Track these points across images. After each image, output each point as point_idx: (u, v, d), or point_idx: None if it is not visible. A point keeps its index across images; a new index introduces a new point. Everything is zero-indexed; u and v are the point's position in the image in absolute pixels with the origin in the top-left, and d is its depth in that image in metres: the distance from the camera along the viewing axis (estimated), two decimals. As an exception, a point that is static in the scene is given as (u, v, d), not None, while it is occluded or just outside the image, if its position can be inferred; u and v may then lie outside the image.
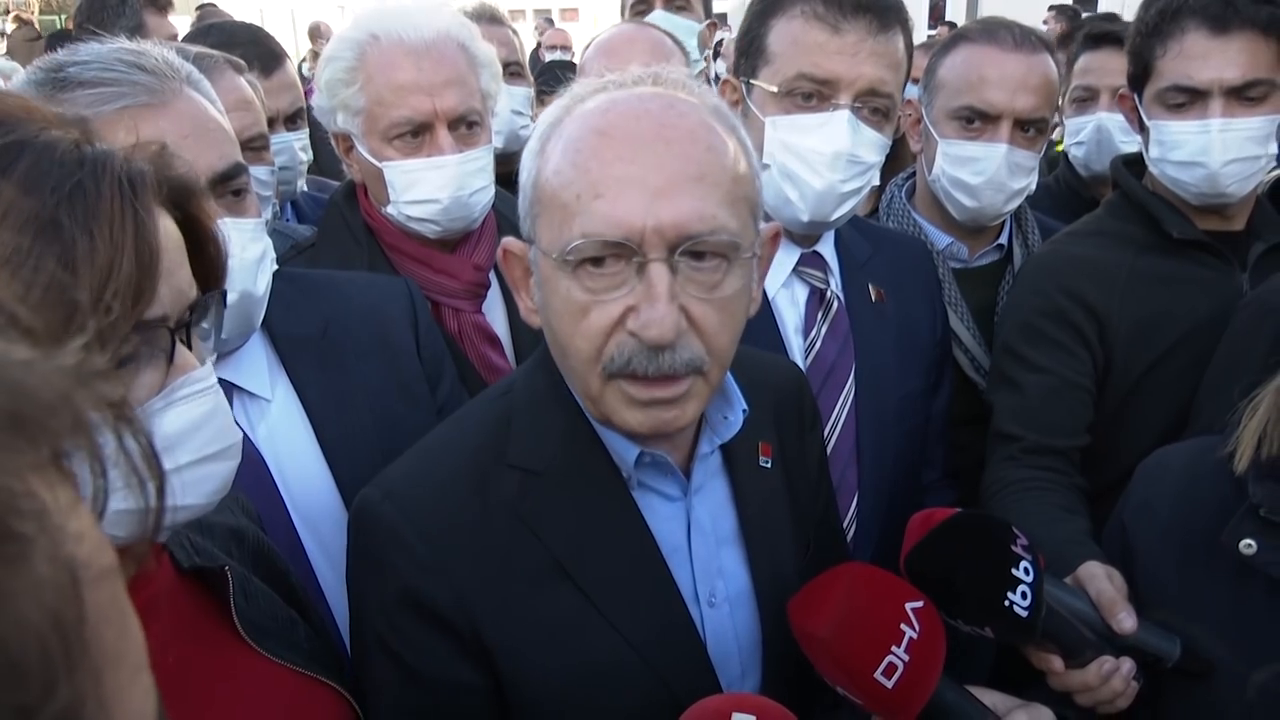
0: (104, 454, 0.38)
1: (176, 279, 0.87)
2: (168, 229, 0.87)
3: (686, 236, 0.99)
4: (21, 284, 0.74)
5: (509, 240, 1.13)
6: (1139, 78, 1.86)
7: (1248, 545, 1.16)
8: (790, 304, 1.77)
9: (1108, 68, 2.74)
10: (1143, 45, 1.83)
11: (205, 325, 0.94)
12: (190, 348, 0.90)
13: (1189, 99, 1.77)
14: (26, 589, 0.32)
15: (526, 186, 1.08)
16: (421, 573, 1.06)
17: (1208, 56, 1.74)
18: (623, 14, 3.04)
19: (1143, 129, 1.89)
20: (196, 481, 0.89)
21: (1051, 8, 9.05)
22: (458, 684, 1.08)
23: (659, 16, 2.81)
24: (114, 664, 0.38)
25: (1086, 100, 2.80)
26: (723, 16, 8.52)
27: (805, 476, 1.33)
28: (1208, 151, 1.76)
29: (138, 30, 3.16)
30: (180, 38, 2.99)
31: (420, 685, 1.08)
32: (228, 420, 0.93)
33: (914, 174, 2.27)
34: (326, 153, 2.50)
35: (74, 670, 0.34)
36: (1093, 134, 2.74)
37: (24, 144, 0.79)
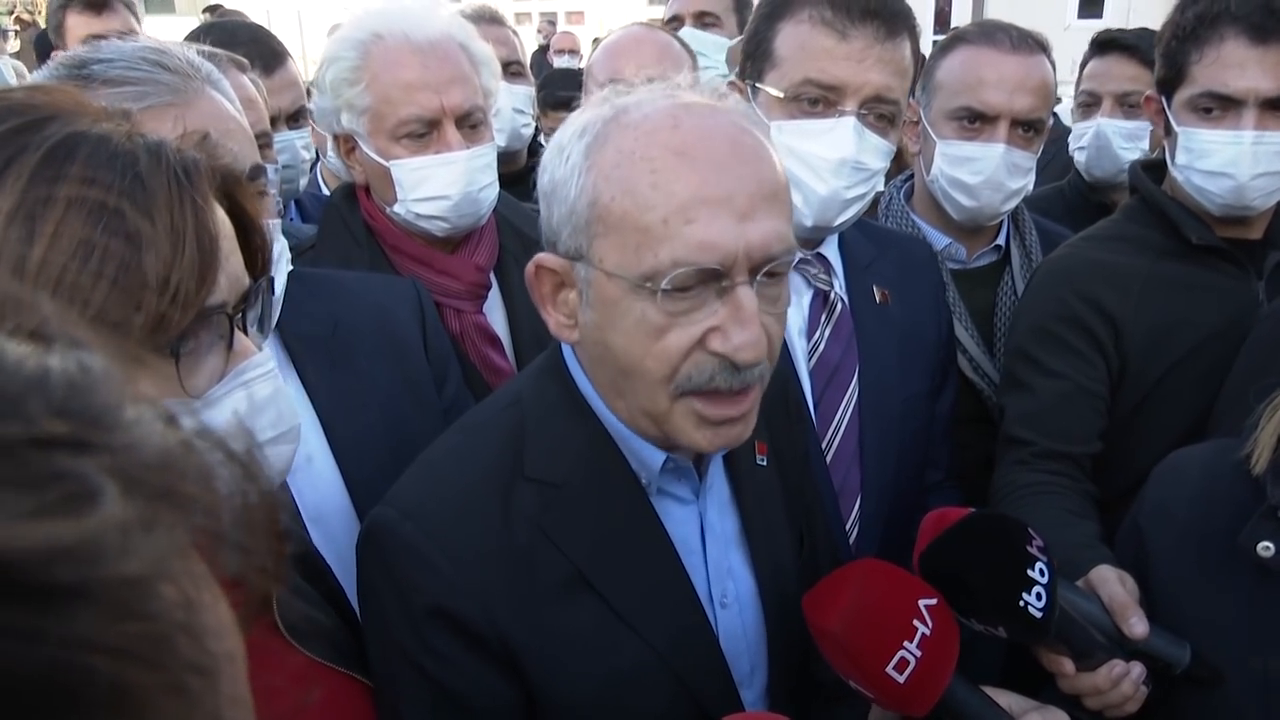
0: (227, 528, 0.36)
1: (232, 265, 0.88)
2: (221, 216, 0.88)
3: (770, 258, 1.00)
4: (91, 275, 0.75)
5: (543, 256, 1.07)
6: (1170, 81, 1.82)
7: (1266, 548, 1.16)
8: (794, 306, 1.76)
9: (1111, 74, 2.76)
10: (1177, 49, 1.79)
11: (253, 313, 0.95)
12: (246, 334, 0.92)
13: (1222, 108, 1.74)
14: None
15: (574, 201, 1.02)
16: (450, 592, 1.05)
17: (1245, 66, 1.70)
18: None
19: (1168, 133, 1.85)
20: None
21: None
22: (491, 698, 1.08)
23: (688, 33, 2.78)
24: None
25: (1090, 106, 2.82)
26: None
27: (796, 470, 1.34)
28: (1237, 163, 1.73)
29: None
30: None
31: (454, 701, 1.07)
32: (289, 403, 0.95)
33: (912, 176, 2.28)
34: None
35: None
36: (1093, 140, 2.76)
37: (80, 136, 0.80)
